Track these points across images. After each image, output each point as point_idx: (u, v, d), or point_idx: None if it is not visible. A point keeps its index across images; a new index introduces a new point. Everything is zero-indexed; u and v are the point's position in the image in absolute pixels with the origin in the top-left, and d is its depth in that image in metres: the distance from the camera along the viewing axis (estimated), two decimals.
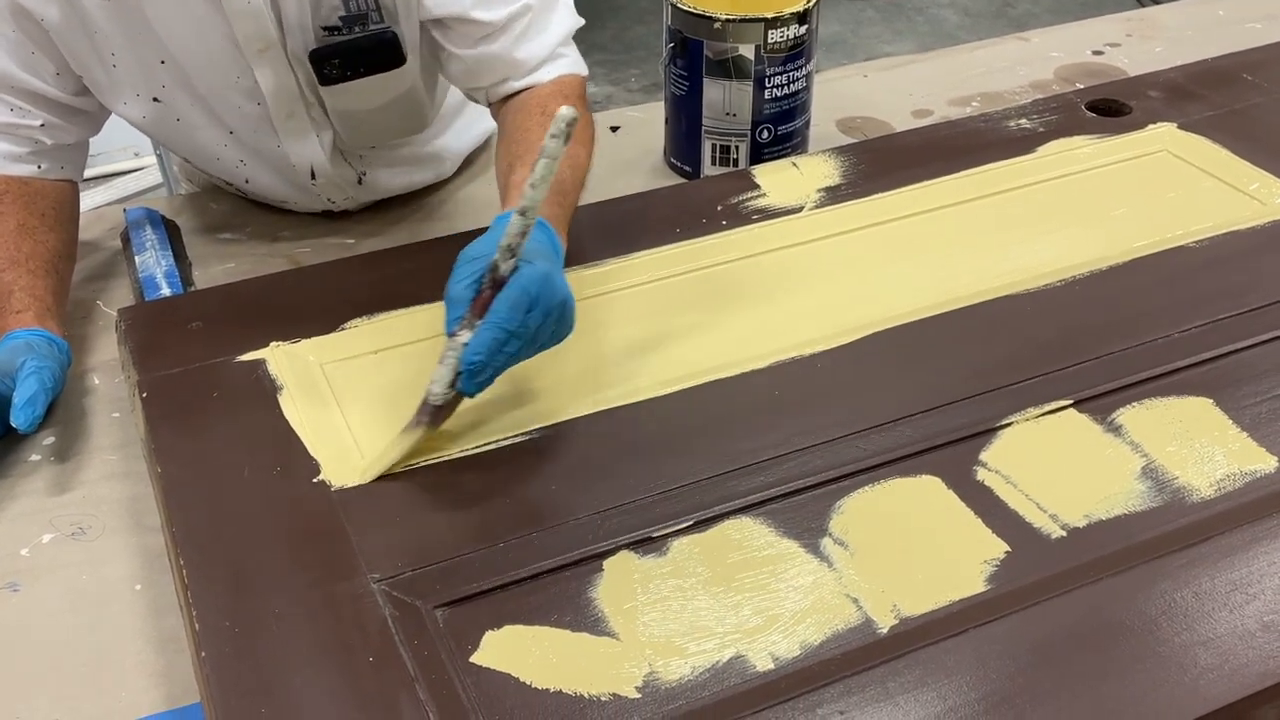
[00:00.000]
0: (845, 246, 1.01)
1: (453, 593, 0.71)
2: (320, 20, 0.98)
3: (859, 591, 0.71)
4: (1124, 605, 0.70)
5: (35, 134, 1.00)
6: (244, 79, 1.00)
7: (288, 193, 1.13)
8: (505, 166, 0.96)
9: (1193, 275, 0.96)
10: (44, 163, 1.01)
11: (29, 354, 0.89)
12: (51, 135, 1.01)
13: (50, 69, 0.98)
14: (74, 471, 0.88)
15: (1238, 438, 0.82)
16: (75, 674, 0.74)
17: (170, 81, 1.00)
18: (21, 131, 0.99)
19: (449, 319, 0.79)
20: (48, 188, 1.01)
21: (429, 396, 0.79)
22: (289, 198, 1.14)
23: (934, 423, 0.83)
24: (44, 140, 1.00)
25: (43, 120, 0.99)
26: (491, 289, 0.78)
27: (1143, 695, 0.65)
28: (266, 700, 0.65)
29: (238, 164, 1.09)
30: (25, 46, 0.96)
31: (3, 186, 0.99)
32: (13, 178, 0.99)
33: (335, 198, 1.14)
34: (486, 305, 0.78)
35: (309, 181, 1.10)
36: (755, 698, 0.65)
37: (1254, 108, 1.19)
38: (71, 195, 1.04)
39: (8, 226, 0.97)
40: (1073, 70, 1.39)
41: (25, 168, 1.00)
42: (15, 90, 0.98)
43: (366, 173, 1.14)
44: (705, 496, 0.77)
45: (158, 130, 1.06)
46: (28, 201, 0.99)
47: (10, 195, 0.98)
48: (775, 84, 1.14)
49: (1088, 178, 1.09)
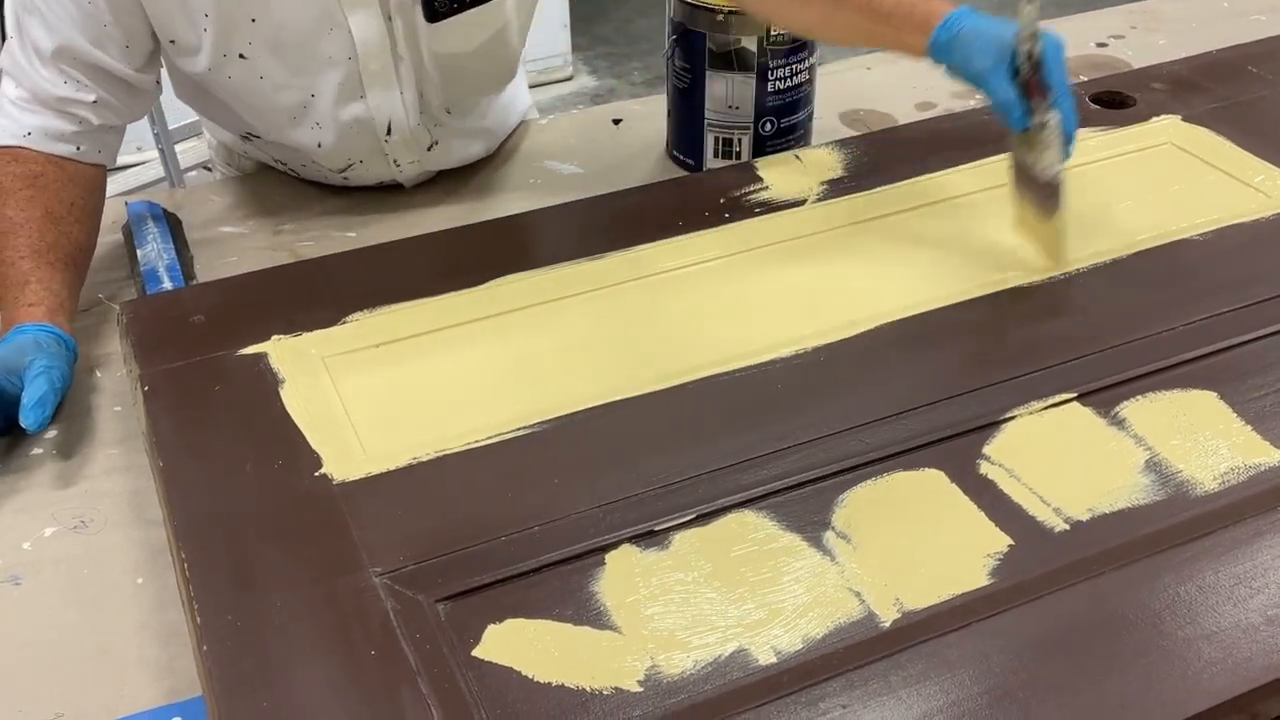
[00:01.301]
0: (848, 240, 1.01)
1: (455, 586, 0.71)
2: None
3: (861, 585, 0.71)
4: (1127, 599, 0.70)
5: (85, 111, 1.00)
6: (338, 31, 1.02)
7: (355, 154, 1.13)
8: None
9: (1197, 268, 0.96)
10: (84, 144, 1.01)
11: (38, 352, 0.89)
12: (100, 114, 1.01)
13: (121, 41, 0.99)
14: (76, 465, 0.88)
15: (1242, 431, 0.81)
16: (77, 668, 0.74)
17: (258, 39, 1.01)
18: (72, 108, 1.00)
19: (1015, 117, 0.93)
20: (82, 172, 1.02)
21: (1052, 178, 0.92)
22: (355, 159, 1.14)
23: (937, 416, 0.82)
24: (91, 120, 1.01)
25: (96, 96, 1.00)
26: (1031, 71, 0.91)
27: (1146, 689, 0.65)
28: (268, 694, 0.65)
29: (314, 126, 1.09)
30: (99, 19, 0.97)
31: (40, 168, 0.99)
32: (51, 158, 1.00)
33: (402, 160, 1.14)
34: (1038, 86, 0.91)
35: (383, 138, 1.11)
36: (757, 691, 0.65)
37: (1259, 100, 1.18)
38: (101, 183, 1.05)
39: (35, 213, 0.97)
40: (1077, 62, 1.38)
41: (65, 147, 1.00)
42: (78, 63, 0.99)
43: (438, 142, 1.15)
44: (707, 490, 0.77)
45: (239, 91, 1.07)
46: (60, 189, 0.99)
47: (44, 179, 0.99)
48: (778, 76, 1.14)
49: (1091, 170, 1.09)
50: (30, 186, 0.98)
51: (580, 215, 1.05)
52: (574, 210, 1.06)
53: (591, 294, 0.95)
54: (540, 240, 1.02)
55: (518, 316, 0.93)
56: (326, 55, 1.04)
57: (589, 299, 0.95)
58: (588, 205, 1.07)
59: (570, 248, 0.99)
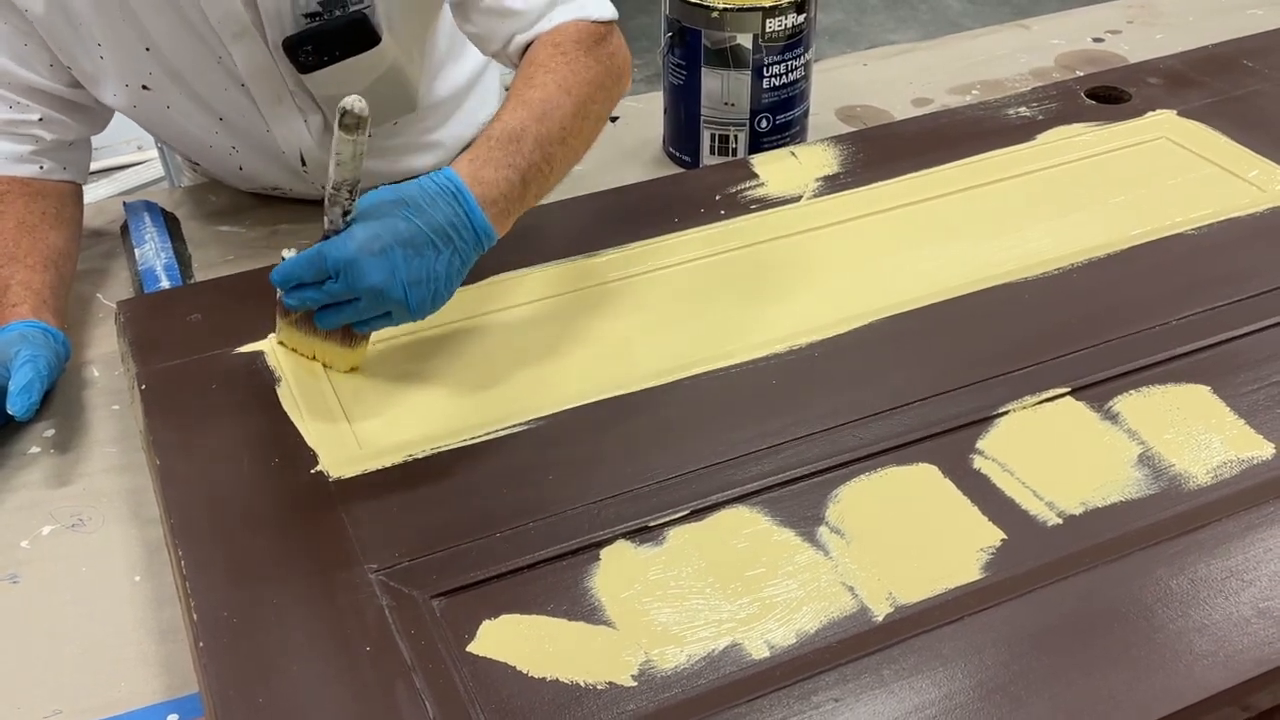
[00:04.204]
0: (843, 235, 1.01)
1: (449, 582, 0.71)
2: (300, 8, 0.98)
3: (855, 580, 0.71)
4: (1120, 592, 0.70)
5: (34, 130, 1.00)
6: (226, 62, 1.00)
7: (281, 179, 1.12)
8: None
9: (1191, 262, 0.96)
10: (46, 162, 1.01)
11: (23, 344, 0.89)
12: (51, 130, 1.01)
13: (45, 60, 0.98)
14: (73, 464, 0.89)
15: (1235, 424, 0.81)
16: (75, 665, 0.74)
17: (157, 69, 1.00)
18: (21, 129, 0.99)
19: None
20: (50, 188, 1.01)
21: None
22: (283, 184, 1.13)
23: (931, 411, 0.83)
24: (44, 136, 1.00)
25: (41, 114, 1.00)
26: None
27: (1138, 682, 0.65)
28: (264, 690, 0.66)
29: (230, 151, 1.09)
30: (17, 39, 0.97)
31: (5, 187, 0.99)
32: (15, 178, 0.99)
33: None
34: None
35: (300, 168, 1.10)
36: (751, 685, 0.66)
37: (1254, 94, 1.18)
38: (74, 196, 1.05)
39: (6, 224, 0.97)
40: (1073, 57, 1.38)
41: (27, 168, 1.00)
42: (11, 85, 0.98)
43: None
44: (702, 486, 0.77)
45: (149, 120, 1.06)
46: (29, 200, 0.99)
47: (11, 195, 0.99)
48: (774, 73, 1.14)
49: (1087, 165, 1.09)
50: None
51: (576, 212, 1.05)
52: (569, 207, 1.06)
53: (586, 291, 0.95)
54: (536, 237, 1.02)
55: (512, 313, 0.93)
56: (221, 88, 1.02)
57: (584, 296, 0.95)
58: (584, 202, 1.07)
59: (566, 244, 0.99)
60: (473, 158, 0.85)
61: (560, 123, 0.89)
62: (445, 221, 0.81)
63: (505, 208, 0.84)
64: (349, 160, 0.80)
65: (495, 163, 0.84)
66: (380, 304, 0.81)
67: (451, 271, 0.82)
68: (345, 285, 0.80)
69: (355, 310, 0.82)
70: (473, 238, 0.82)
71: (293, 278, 0.82)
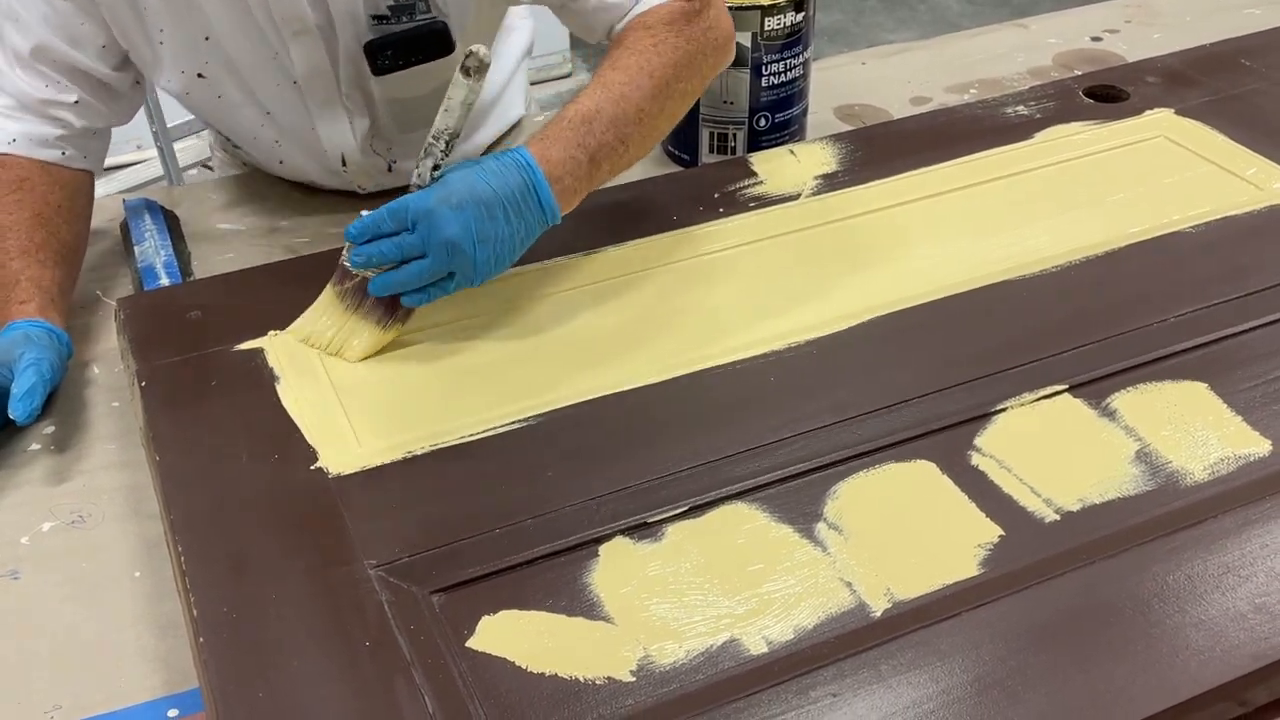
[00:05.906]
0: (842, 233, 1.01)
1: (449, 578, 0.72)
2: (370, 9, 1.00)
3: (853, 575, 0.72)
4: (1117, 588, 0.70)
5: (67, 113, 1.00)
6: (282, 59, 1.02)
7: (319, 175, 1.14)
8: None
9: (1189, 260, 0.96)
10: (69, 149, 1.02)
11: (27, 346, 0.89)
12: (83, 115, 1.01)
13: (98, 42, 0.99)
14: (74, 460, 0.89)
15: (1232, 421, 0.82)
16: (75, 660, 0.75)
17: (213, 59, 1.02)
18: (54, 110, 1.00)
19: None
20: (67, 176, 1.02)
21: None
22: (320, 180, 1.15)
23: (929, 408, 0.83)
24: (74, 122, 1.01)
25: (78, 97, 1.00)
26: None
27: (1135, 677, 0.65)
28: (264, 685, 0.66)
29: (274, 144, 1.11)
30: (76, 18, 0.98)
31: (25, 172, 0.99)
32: (36, 162, 1.00)
33: (365, 184, 1.15)
34: None
35: (340, 168, 1.12)
36: (749, 681, 0.66)
37: (1251, 93, 1.18)
38: (88, 188, 1.05)
39: (24, 215, 0.98)
40: (1071, 56, 1.39)
41: (50, 152, 1.01)
42: (56, 63, 0.99)
43: (396, 161, 1.14)
44: (700, 482, 0.78)
45: (199, 107, 1.09)
46: (46, 191, 1.00)
47: (31, 182, 0.99)
48: (772, 71, 1.14)
49: (1085, 164, 1.09)
50: (17, 191, 0.98)
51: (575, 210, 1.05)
52: None
53: (585, 289, 0.95)
54: None
55: (511, 311, 0.93)
56: (274, 83, 1.04)
57: (583, 294, 0.95)
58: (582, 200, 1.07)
59: (564, 243, 0.99)
60: (543, 137, 0.89)
61: (638, 104, 0.93)
62: (517, 191, 0.86)
63: (570, 185, 0.89)
64: (458, 106, 0.85)
65: (565, 142, 0.89)
66: (448, 260, 0.85)
67: (516, 239, 0.87)
68: (420, 237, 0.84)
69: (419, 270, 0.85)
70: (538, 211, 0.87)
71: (372, 229, 0.86)
